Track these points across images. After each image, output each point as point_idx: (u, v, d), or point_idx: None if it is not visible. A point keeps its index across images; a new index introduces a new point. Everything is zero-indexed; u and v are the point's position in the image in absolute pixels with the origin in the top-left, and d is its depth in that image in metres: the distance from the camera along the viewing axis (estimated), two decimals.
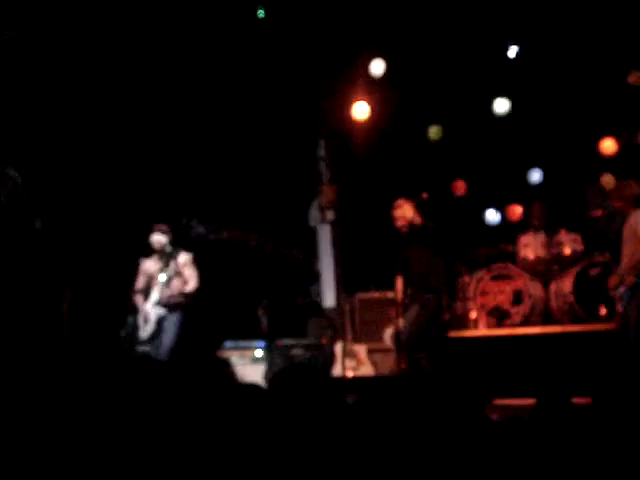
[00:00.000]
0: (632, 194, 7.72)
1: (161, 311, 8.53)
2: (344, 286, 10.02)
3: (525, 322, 9.65)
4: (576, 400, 3.63)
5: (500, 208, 10.93)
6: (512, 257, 10.31)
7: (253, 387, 3.43)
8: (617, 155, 10.40)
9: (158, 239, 8.63)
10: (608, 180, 10.09)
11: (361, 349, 9.50)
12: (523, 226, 10.52)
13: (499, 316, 9.67)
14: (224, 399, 3.18)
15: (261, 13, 10.28)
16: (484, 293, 9.82)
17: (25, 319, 6.31)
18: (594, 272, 9.38)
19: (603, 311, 8.91)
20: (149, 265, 8.77)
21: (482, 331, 9.53)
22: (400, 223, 8.39)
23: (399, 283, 8.51)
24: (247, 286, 10.24)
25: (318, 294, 9.99)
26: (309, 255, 10.02)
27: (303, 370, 3.69)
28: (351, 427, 3.24)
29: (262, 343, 9.24)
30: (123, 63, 9.94)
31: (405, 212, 8.38)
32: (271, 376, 8.82)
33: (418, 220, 8.35)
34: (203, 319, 9.25)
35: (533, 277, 9.94)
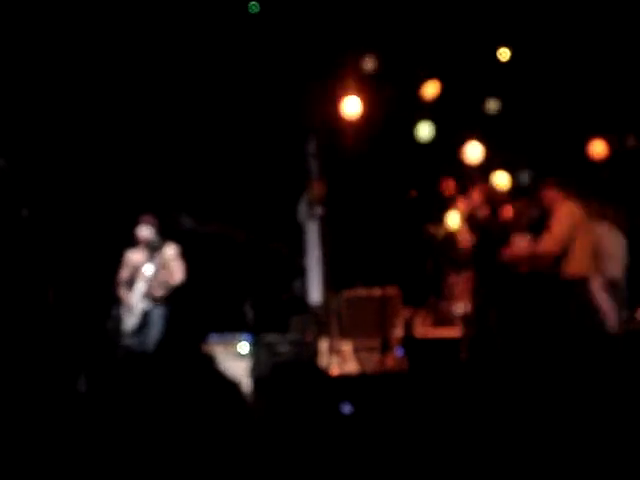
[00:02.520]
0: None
1: (146, 304, 8.49)
2: (331, 283, 9.99)
3: None
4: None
5: None
6: None
7: (236, 384, 3.40)
8: (607, 159, 10.43)
9: (144, 231, 8.59)
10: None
11: (346, 346, 9.48)
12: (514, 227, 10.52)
13: None
14: (209, 393, 3.16)
15: (253, 7, 10.24)
16: (471, 293, 9.79)
17: (10, 307, 6.28)
18: None
19: None
20: (134, 257, 8.72)
21: None
22: None
23: None
24: (233, 280, 10.21)
25: (302, 290, 9.95)
26: (296, 251, 9.98)
27: (291, 367, 3.67)
28: (344, 430, 3.22)
29: (247, 338, 9.20)
30: (112, 56, 9.90)
31: None
32: (256, 371, 8.79)
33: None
34: (188, 312, 9.22)
35: None
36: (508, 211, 10.68)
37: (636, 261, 8.54)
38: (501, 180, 9.59)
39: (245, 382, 8.39)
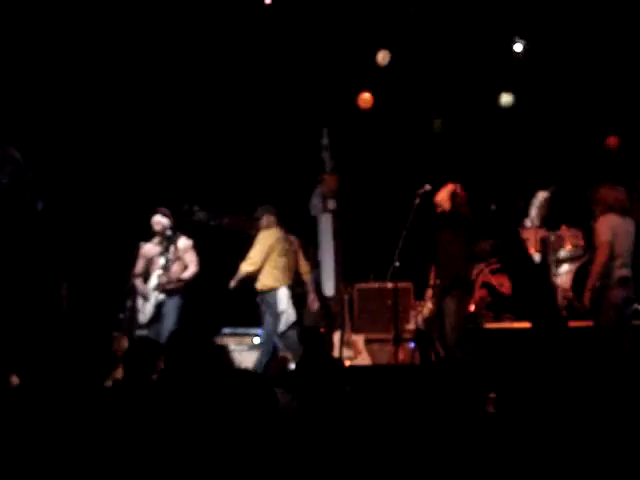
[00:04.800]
0: (604, 199, 7.65)
1: (161, 296, 8.53)
2: (344, 275, 10.02)
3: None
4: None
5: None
6: None
7: (250, 374, 3.43)
8: (621, 153, 10.41)
9: (159, 220, 8.64)
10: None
11: (359, 339, 9.51)
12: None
13: (498, 309, 9.67)
14: (222, 385, 3.18)
15: None
16: (483, 286, 9.80)
17: (24, 301, 6.32)
18: None
19: None
20: (149, 249, 8.77)
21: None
22: None
23: None
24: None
25: (316, 282, 9.97)
26: (310, 244, 10.00)
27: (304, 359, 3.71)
28: (352, 419, 3.25)
29: (260, 330, 9.24)
30: (128, 48, 9.93)
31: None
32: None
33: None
34: (202, 305, 9.25)
35: None
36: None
37: None
38: None
39: (257, 374, 8.43)
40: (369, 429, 3.45)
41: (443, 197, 8.16)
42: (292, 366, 8.49)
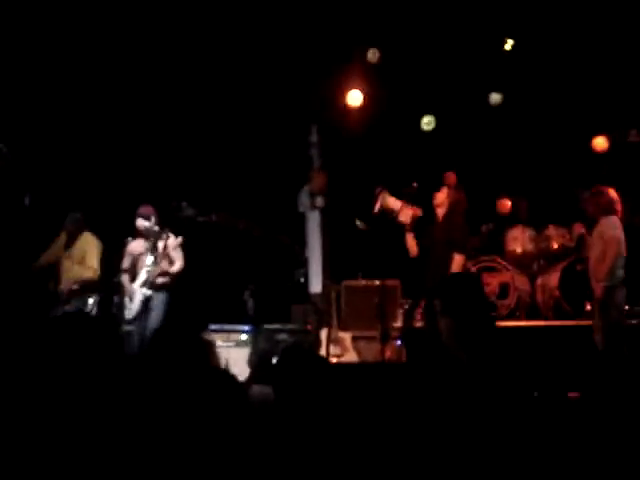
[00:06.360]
0: (606, 202, 7.73)
1: (147, 292, 8.51)
2: (331, 273, 10.01)
3: (510, 315, 9.67)
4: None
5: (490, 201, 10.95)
6: (500, 250, 10.33)
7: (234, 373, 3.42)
8: (609, 153, 10.44)
9: (141, 224, 8.62)
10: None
11: (346, 336, 9.50)
12: (512, 219, 10.55)
13: None
14: (206, 381, 3.18)
15: None
16: None
17: (11, 295, 6.30)
18: (581, 268, 9.38)
19: (589, 307, 8.93)
20: (135, 246, 8.75)
21: None
22: None
23: None
24: (234, 270, 10.23)
25: (303, 279, 9.96)
26: (297, 241, 9.99)
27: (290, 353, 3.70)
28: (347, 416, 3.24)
29: (247, 327, 9.23)
30: (114, 44, 9.92)
31: None
32: (255, 360, 8.83)
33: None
34: (189, 301, 9.24)
35: (520, 271, 9.95)
36: (506, 205, 10.73)
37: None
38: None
39: (244, 371, 8.43)
40: (355, 427, 3.44)
41: (442, 198, 8.19)
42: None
